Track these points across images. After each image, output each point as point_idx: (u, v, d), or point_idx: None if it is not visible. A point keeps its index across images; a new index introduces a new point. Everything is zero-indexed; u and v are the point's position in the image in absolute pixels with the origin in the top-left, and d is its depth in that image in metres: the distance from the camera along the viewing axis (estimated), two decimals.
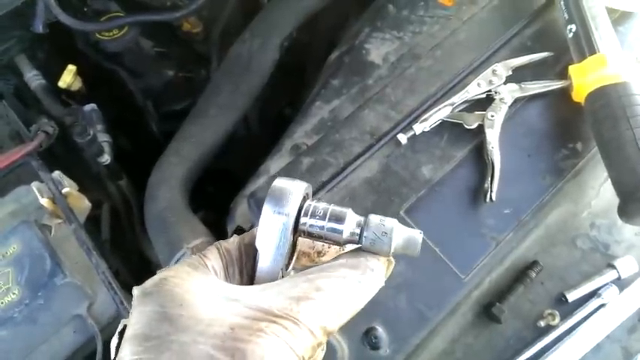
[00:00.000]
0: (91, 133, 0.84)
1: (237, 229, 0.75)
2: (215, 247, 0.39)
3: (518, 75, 0.75)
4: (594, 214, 0.73)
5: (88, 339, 0.69)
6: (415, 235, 0.37)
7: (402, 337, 0.61)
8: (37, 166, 0.77)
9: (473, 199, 0.68)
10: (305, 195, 0.39)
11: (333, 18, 1.11)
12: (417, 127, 0.71)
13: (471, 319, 0.66)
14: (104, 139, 0.91)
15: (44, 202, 0.73)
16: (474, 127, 0.71)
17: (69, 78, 0.92)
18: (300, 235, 0.39)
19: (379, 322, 0.61)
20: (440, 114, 0.72)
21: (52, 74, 0.93)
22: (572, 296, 0.66)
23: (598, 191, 0.73)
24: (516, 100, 0.74)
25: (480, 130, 0.71)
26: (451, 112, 0.72)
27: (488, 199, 0.66)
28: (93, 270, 0.71)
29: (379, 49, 0.85)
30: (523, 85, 0.74)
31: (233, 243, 0.40)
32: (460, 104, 0.73)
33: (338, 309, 0.34)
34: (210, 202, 1.01)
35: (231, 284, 0.37)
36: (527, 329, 0.65)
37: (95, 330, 0.68)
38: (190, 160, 0.88)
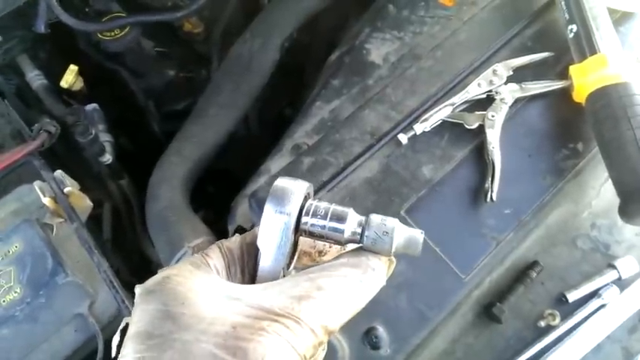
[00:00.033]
0: (93, 132, 0.84)
1: (238, 228, 0.75)
2: (217, 246, 0.40)
3: (518, 75, 0.75)
4: (595, 214, 0.73)
5: (89, 338, 0.69)
6: (416, 235, 0.38)
7: (402, 337, 0.61)
8: (39, 166, 0.77)
9: (473, 199, 0.68)
10: (306, 194, 0.39)
11: (333, 18, 1.12)
12: (418, 127, 0.71)
13: (472, 319, 0.66)
14: (106, 138, 0.92)
15: (46, 201, 0.73)
16: (474, 127, 0.72)
17: (70, 78, 0.92)
18: (302, 235, 0.39)
19: (380, 322, 0.61)
20: (440, 114, 0.72)
21: (54, 74, 0.93)
22: (572, 296, 0.66)
23: (599, 191, 0.74)
24: (517, 100, 0.74)
25: (481, 130, 0.71)
26: (452, 112, 0.73)
27: (488, 199, 0.66)
28: (94, 269, 0.71)
29: (379, 49, 0.85)
30: (524, 86, 0.74)
31: (235, 242, 0.40)
32: (461, 104, 0.73)
33: (339, 308, 0.34)
34: (211, 202, 1.01)
35: (233, 283, 0.37)
36: (528, 329, 0.65)
37: (96, 329, 0.68)
38: (191, 160, 0.88)
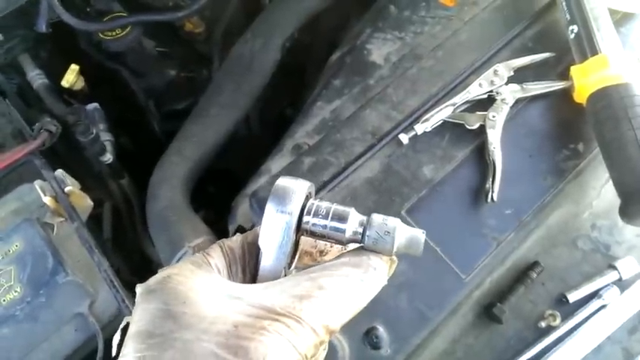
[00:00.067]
0: (94, 132, 0.84)
1: (239, 228, 0.75)
2: (218, 246, 0.40)
3: (519, 75, 0.75)
4: (595, 214, 0.73)
5: (89, 337, 0.69)
6: (418, 235, 0.38)
7: (402, 337, 0.61)
8: (40, 165, 0.77)
9: (474, 199, 0.68)
10: (308, 194, 0.39)
11: (334, 18, 1.12)
12: (419, 127, 0.71)
13: (472, 319, 0.66)
14: (106, 138, 0.92)
15: (47, 200, 0.73)
16: (475, 127, 0.72)
17: (72, 77, 0.92)
18: (303, 234, 0.39)
19: (380, 322, 0.61)
20: (441, 114, 0.72)
21: (55, 73, 0.93)
22: (573, 297, 0.66)
23: (599, 192, 0.74)
24: (518, 101, 0.74)
25: (482, 131, 0.71)
26: (453, 112, 0.73)
27: (489, 199, 0.66)
28: (95, 268, 0.71)
29: (381, 49, 0.85)
30: (525, 86, 0.74)
31: (236, 241, 0.40)
32: (462, 104, 0.73)
33: (340, 307, 0.34)
34: (212, 202, 1.01)
35: (234, 282, 0.37)
36: (528, 330, 0.65)
37: (96, 328, 0.68)
38: (192, 160, 0.88)
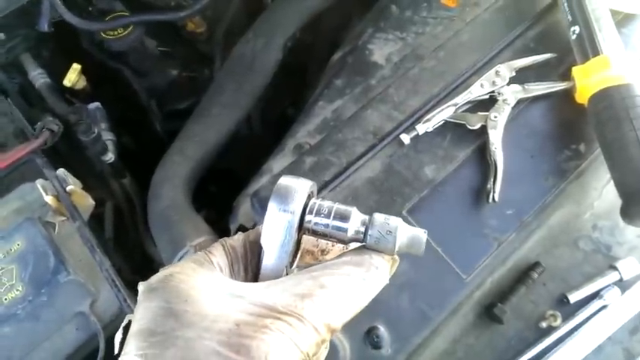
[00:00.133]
0: (95, 131, 0.84)
1: (240, 227, 0.75)
2: (220, 244, 0.40)
3: (521, 76, 0.75)
4: (597, 215, 0.73)
5: (90, 336, 0.69)
6: (419, 234, 0.38)
7: (403, 337, 0.61)
8: (42, 164, 0.77)
9: (475, 199, 0.68)
10: (310, 193, 0.39)
11: (336, 18, 1.12)
12: (420, 128, 0.71)
13: (473, 319, 0.66)
14: (108, 137, 0.92)
15: (48, 199, 0.73)
16: (476, 127, 0.72)
17: (73, 76, 0.92)
18: (305, 233, 0.39)
19: (381, 322, 0.61)
20: (443, 114, 0.72)
21: (57, 73, 0.93)
22: (574, 297, 0.66)
23: (600, 193, 0.74)
24: (519, 101, 0.74)
25: (483, 131, 0.71)
26: (454, 112, 0.73)
27: (490, 199, 0.66)
28: (96, 267, 0.71)
29: (382, 49, 0.85)
30: (526, 87, 0.74)
31: (238, 240, 0.40)
32: (463, 105, 0.74)
33: (342, 306, 0.34)
34: (213, 202, 1.01)
35: (236, 281, 0.37)
36: (529, 330, 0.65)
37: (98, 327, 0.68)
38: (193, 159, 0.88)
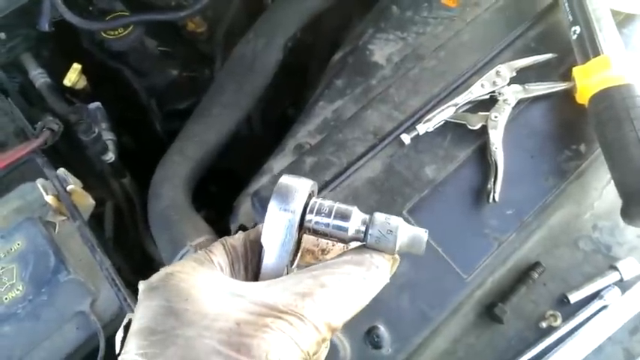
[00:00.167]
0: (96, 131, 0.84)
1: (241, 227, 0.75)
2: (221, 243, 0.40)
3: (521, 76, 0.75)
4: (597, 215, 0.73)
5: (90, 336, 0.69)
6: (420, 234, 0.38)
7: (404, 337, 0.61)
8: (42, 164, 0.77)
9: (476, 199, 0.68)
10: (311, 192, 0.39)
11: (336, 18, 1.12)
12: (421, 128, 0.71)
13: (473, 319, 0.66)
14: (108, 137, 0.92)
15: (49, 199, 0.73)
16: (477, 127, 0.72)
17: (74, 76, 0.93)
18: (306, 233, 0.39)
19: (381, 322, 0.61)
20: (443, 114, 0.72)
21: (57, 72, 0.93)
22: (574, 297, 0.66)
23: (601, 193, 0.74)
24: (520, 102, 0.74)
25: (484, 131, 0.71)
26: (454, 112, 0.73)
27: (491, 199, 0.66)
28: (96, 267, 0.71)
29: (383, 49, 0.85)
30: (527, 87, 0.74)
31: (238, 239, 0.40)
32: (464, 105, 0.73)
33: (342, 305, 0.34)
34: (213, 202, 1.01)
35: (237, 280, 0.37)
36: (529, 330, 0.65)
37: (98, 327, 0.68)
38: (194, 159, 0.88)
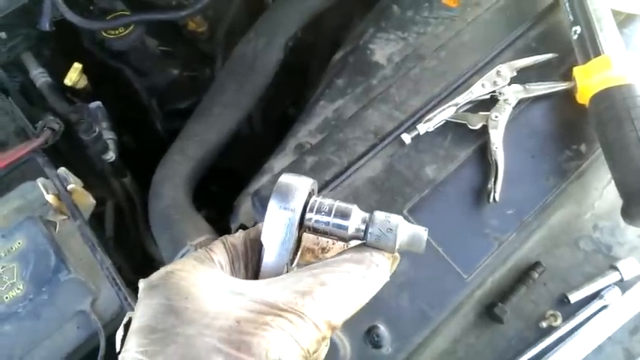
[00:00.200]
0: (96, 130, 0.84)
1: (241, 226, 0.75)
2: (221, 242, 0.40)
3: (522, 76, 0.75)
4: (597, 215, 0.73)
5: (91, 335, 0.69)
6: (420, 232, 0.38)
7: (404, 336, 0.61)
8: (43, 163, 0.77)
9: (476, 199, 0.68)
10: (311, 191, 0.39)
11: (337, 18, 1.12)
12: (421, 127, 0.71)
13: (473, 318, 0.66)
14: (109, 136, 0.92)
15: (49, 198, 0.73)
16: (477, 127, 0.72)
17: (74, 76, 0.93)
18: (306, 231, 0.39)
19: (381, 321, 0.61)
20: (444, 114, 0.72)
21: (58, 72, 0.93)
22: (574, 297, 0.66)
23: (601, 193, 0.73)
24: (520, 101, 0.74)
25: (484, 131, 0.71)
26: (455, 112, 0.73)
27: (491, 199, 0.66)
28: (97, 266, 0.71)
29: (383, 49, 0.86)
30: (527, 87, 0.74)
31: (239, 238, 0.41)
32: (464, 105, 0.74)
33: (342, 303, 0.34)
34: (214, 201, 1.01)
35: (237, 278, 0.37)
36: (529, 330, 0.65)
37: (98, 326, 0.68)
38: (194, 159, 0.88)
